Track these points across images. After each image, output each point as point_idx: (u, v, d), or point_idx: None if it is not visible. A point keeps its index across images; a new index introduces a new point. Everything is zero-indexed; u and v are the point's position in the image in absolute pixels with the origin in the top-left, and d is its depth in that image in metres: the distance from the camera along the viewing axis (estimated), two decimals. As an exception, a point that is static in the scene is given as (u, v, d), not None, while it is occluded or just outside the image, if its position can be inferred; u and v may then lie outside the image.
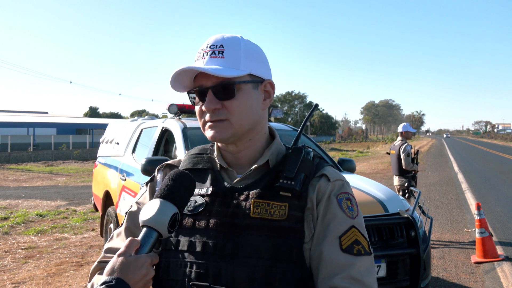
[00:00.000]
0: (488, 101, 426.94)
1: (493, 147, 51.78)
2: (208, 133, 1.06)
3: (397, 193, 6.08)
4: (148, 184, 1.17)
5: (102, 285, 0.86)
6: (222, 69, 1.00)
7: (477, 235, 5.64)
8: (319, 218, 1.01)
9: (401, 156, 6.83)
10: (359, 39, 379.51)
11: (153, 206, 0.93)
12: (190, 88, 1.08)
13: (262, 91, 1.09)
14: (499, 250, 5.92)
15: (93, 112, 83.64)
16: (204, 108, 1.04)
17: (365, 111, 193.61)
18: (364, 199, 3.53)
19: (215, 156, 1.12)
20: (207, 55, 1.04)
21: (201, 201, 1.06)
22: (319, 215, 1.01)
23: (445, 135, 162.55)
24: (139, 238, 0.93)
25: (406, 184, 6.86)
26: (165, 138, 4.92)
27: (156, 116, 6.97)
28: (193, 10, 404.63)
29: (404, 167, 6.82)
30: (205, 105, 1.03)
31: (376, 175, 16.53)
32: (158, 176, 1.17)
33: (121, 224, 1.14)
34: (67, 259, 5.58)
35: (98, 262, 1.07)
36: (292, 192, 1.01)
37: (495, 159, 27.69)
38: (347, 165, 4.66)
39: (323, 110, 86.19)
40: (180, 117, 5.00)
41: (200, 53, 1.05)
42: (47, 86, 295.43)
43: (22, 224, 7.77)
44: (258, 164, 1.07)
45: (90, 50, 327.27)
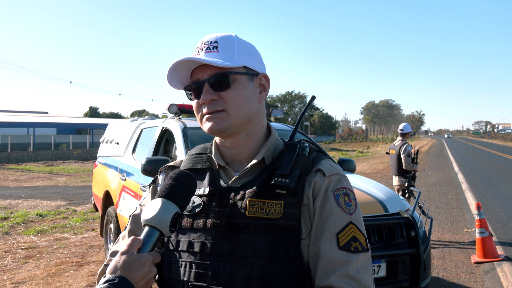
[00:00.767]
0: (488, 101, 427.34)
1: (493, 147, 51.75)
2: (205, 125, 1.06)
3: (396, 193, 6.09)
4: (151, 186, 1.18)
5: (105, 283, 0.86)
6: (217, 61, 1.02)
7: (477, 235, 5.65)
8: (316, 214, 1.01)
9: (402, 157, 6.85)
10: (359, 39, 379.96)
11: (155, 205, 0.94)
12: (187, 84, 1.09)
13: (258, 84, 1.10)
14: (499, 250, 5.92)
15: (93, 112, 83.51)
16: (201, 101, 1.05)
17: (365, 111, 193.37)
18: (364, 199, 3.54)
19: (213, 155, 1.13)
20: (202, 51, 1.06)
21: (199, 201, 1.06)
22: (316, 211, 1.01)
23: (446, 135, 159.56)
24: (141, 237, 0.94)
25: (406, 184, 6.88)
26: (165, 138, 4.92)
27: (156, 116, 6.98)
28: (194, 10, 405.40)
29: (404, 167, 6.84)
30: (201, 97, 1.04)
31: (376, 175, 16.53)
32: (160, 178, 1.18)
33: (126, 227, 1.15)
34: (67, 259, 5.58)
35: (104, 266, 1.07)
36: (287, 189, 1.00)
37: (495, 159, 27.67)
38: (347, 165, 4.68)
39: (323, 110, 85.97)
40: (180, 117, 5.00)
41: (195, 50, 1.07)
42: (47, 86, 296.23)
43: (22, 224, 7.78)
44: (253, 162, 1.07)
45: (90, 50, 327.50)
